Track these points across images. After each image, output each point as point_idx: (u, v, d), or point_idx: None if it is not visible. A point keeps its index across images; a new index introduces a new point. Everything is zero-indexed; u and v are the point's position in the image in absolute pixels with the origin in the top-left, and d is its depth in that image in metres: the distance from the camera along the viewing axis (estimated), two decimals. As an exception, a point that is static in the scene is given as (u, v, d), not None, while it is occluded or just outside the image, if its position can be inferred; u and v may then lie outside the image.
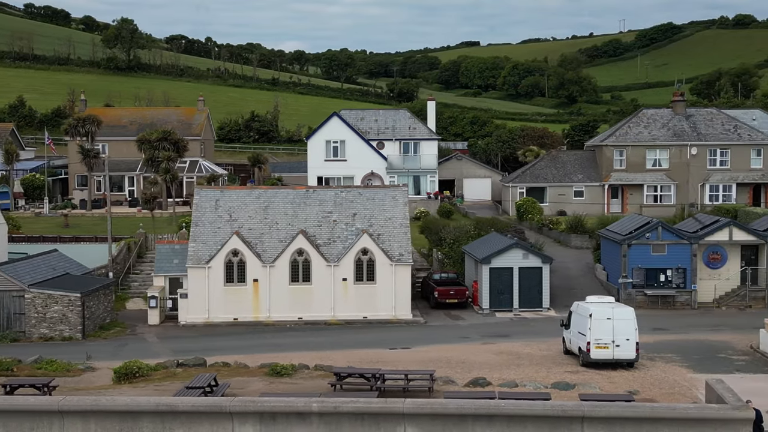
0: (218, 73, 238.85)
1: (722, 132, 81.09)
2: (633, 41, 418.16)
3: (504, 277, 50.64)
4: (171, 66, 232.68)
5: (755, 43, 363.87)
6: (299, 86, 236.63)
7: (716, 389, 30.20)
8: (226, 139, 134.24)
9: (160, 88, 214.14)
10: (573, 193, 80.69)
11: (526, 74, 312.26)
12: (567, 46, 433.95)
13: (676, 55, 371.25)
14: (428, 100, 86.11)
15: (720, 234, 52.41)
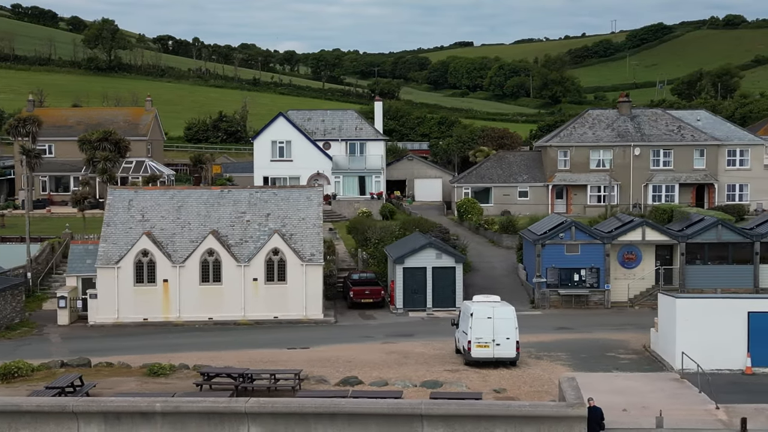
0: (199, 74, 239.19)
1: (666, 133, 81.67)
2: (624, 42, 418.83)
3: (418, 277, 51.19)
4: (152, 66, 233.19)
5: (744, 43, 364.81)
6: (280, 86, 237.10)
7: (563, 388, 30.91)
8: (194, 139, 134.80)
9: (140, 89, 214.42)
10: (518, 194, 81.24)
11: (512, 74, 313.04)
12: (559, 47, 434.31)
13: (666, 55, 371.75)
14: (375, 101, 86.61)
15: (633, 234, 52.98)
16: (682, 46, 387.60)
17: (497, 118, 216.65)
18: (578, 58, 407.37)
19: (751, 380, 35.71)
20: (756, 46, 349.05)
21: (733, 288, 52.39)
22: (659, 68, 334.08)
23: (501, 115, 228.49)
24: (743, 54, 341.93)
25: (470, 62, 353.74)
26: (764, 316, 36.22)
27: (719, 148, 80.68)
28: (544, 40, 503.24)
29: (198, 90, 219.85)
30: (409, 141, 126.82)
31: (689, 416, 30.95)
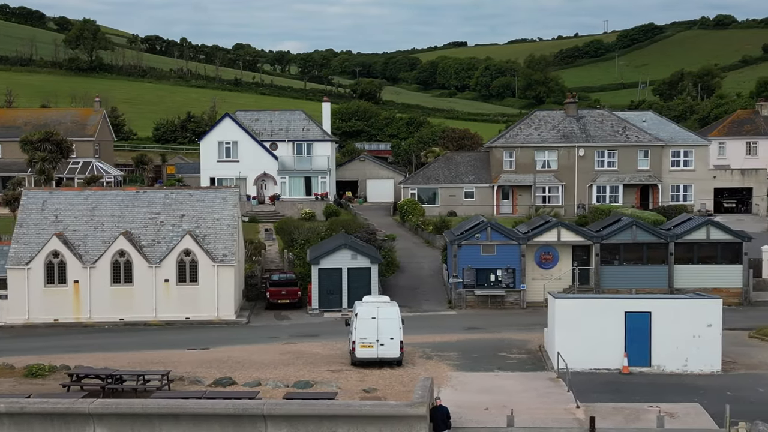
0: (180, 74, 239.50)
1: (611, 134, 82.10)
2: (614, 42, 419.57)
3: (334, 278, 51.61)
4: (133, 67, 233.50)
5: (733, 43, 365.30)
6: (262, 87, 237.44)
7: (417, 387, 31.33)
8: (162, 140, 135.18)
9: (121, 89, 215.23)
10: (464, 195, 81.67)
11: (498, 75, 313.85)
12: (550, 47, 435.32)
13: (656, 55, 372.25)
14: (323, 102, 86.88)
15: (549, 235, 53.41)
16: (672, 46, 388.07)
17: (479, 119, 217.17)
18: (569, 58, 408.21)
19: (626, 379, 36.15)
20: (744, 47, 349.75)
21: (648, 288, 52.90)
22: (649, 68, 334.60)
23: (483, 116, 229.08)
24: (732, 54, 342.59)
25: (459, 63, 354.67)
26: (641, 317, 36.68)
27: (663, 149, 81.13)
28: (537, 40, 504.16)
29: (179, 90, 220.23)
30: (376, 141, 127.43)
31: (546, 415, 31.40)
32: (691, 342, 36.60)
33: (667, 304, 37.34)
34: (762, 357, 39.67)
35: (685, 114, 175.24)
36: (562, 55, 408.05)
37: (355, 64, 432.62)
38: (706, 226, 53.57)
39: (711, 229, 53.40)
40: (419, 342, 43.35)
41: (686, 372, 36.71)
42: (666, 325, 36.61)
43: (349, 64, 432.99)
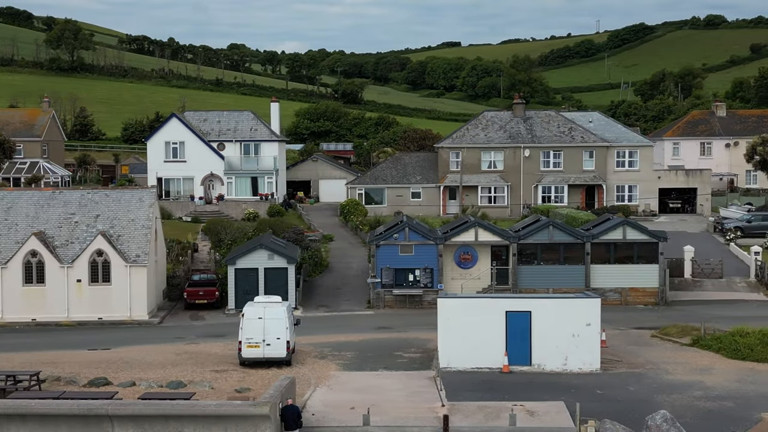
0: (162, 74, 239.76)
1: (557, 134, 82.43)
2: (605, 42, 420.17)
3: (250, 278, 51.91)
4: (114, 67, 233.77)
5: (723, 43, 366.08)
6: (243, 87, 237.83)
7: (271, 387, 31.63)
8: (130, 140, 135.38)
9: (101, 89, 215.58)
10: (410, 195, 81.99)
11: (484, 75, 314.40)
12: (543, 47, 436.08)
13: (646, 55, 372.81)
14: (272, 102, 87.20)
15: (467, 235, 53.74)
16: (662, 46, 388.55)
17: (459, 119, 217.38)
18: (560, 58, 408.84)
19: (505, 378, 36.48)
20: (733, 47, 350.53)
21: (565, 288, 53.25)
22: (638, 68, 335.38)
23: (465, 116, 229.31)
24: (721, 54, 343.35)
25: (447, 63, 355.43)
26: (522, 316, 37.01)
27: (608, 149, 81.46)
28: (531, 40, 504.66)
29: (159, 90, 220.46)
30: (343, 142, 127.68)
31: (408, 414, 31.71)
32: (571, 341, 36.94)
33: (546, 303, 37.65)
34: (650, 356, 39.99)
35: (662, 114, 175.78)
36: (553, 55, 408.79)
37: (346, 64, 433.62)
38: (623, 226, 53.90)
39: (627, 229, 53.72)
40: (322, 342, 43.73)
41: (566, 371, 37.05)
42: (546, 325, 36.95)
43: (341, 64, 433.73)
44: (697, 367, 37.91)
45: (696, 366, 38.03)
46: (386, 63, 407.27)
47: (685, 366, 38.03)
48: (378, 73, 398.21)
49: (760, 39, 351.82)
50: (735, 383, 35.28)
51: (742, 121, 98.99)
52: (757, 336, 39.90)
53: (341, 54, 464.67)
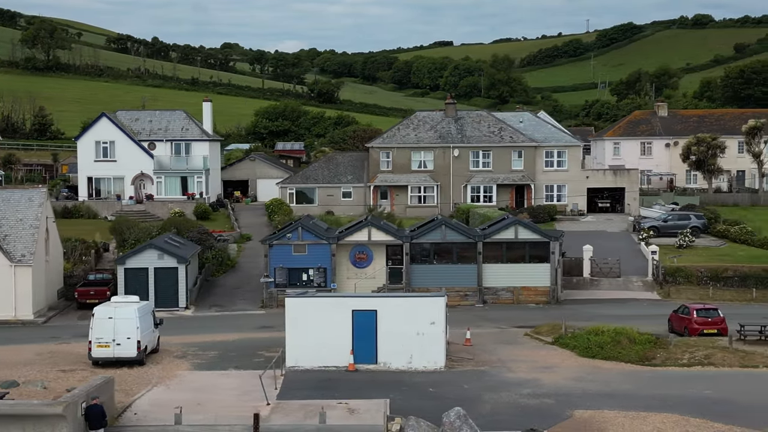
0: (137, 73, 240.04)
1: (486, 134, 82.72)
2: (594, 41, 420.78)
3: (140, 278, 52.21)
4: (90, 66, 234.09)
5: (709, 43, 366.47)
6: (219, 86, 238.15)
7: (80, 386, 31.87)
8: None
9: (75, 88, 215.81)
10: (341, 194, 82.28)
11: (466, 74, 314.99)
12: (531, 47, 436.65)
13: (633, 55, 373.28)
14: (204, 102, 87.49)
15: (360, 234, 54.09)
16: (650, 45, 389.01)
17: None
18: (548, 57, 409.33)
19: (348, 377, 36.74)
20: (718, 46, 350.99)
21: (458, 287, 53.70)
22: (625, 68, 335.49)
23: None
24: (706, 53, 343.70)
25: (432, 62, 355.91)
26: (368, 314, 37.30)
27: (537, 149, 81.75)
28: (522, 39, 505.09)
29: (134, 90, 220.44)
30: (298, 141, 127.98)
31: (228, 413, 32.00)
32: (416, 339, 37.23)
33: (392, 302, 37.97)
34: (505, 354, 40.25)
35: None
36: (541, 55, 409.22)
37: (336, 63, 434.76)
38: (514, 225, 54.25)
39: (519, 229, 54.09)
40: (194, 341, 44.00)
41: (411, 369, 37.35)
42: (391, 323, 37.24)
43: (331, 63, 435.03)
44: (543, 365, 38.22)
45: (543, 364, 38.34)
46: (374, 62, 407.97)
47: (531, 364, 38.34)
48: (366, 73, 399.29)
49: (744, 38, 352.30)
50: (570, 381, 35.60)
51: (683, 121, 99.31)
52: (610, 334, 40.25)
53: (332, 53, 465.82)
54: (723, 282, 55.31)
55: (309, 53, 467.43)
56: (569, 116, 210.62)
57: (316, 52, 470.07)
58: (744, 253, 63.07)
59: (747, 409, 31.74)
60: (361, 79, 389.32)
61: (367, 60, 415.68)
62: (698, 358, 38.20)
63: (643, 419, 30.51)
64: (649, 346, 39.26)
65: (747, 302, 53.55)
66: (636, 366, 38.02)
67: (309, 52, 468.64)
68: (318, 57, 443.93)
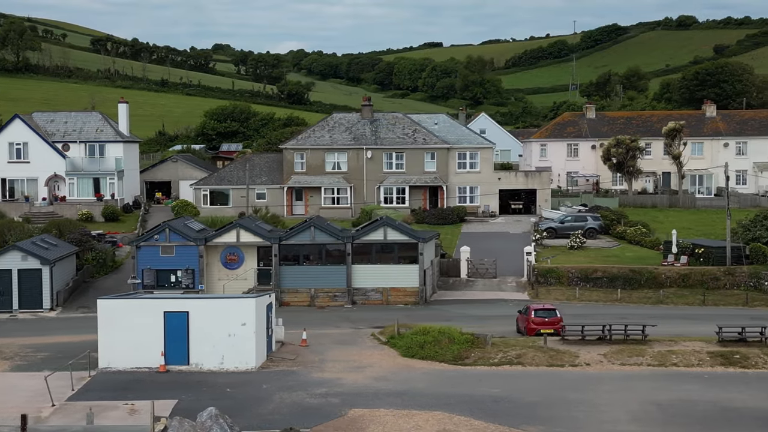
0: (107, 74, 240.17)
1: (400, 136, 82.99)
2: (578, 43, 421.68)
3: (4, 279, 52.45)
4: (59, 67, 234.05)
5: (692, 44, 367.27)
6: (189, 87, 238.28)
7: None
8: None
9: (42, 90, 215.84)
10: (256, 196, 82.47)
11: (444, 76, 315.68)
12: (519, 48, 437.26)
13: (616, 56, 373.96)
14: (120, 103, 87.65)
15: (229, 236, 54.36)
16: (633, 47, 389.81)
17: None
18: (533, 59, 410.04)
19: (158, 378, 36.92)
20: (699, 47, 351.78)
21: (327, 288, 54.00)
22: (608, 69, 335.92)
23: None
24: (686, 55, 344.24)
25: (413, 63, 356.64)
26: (179, 316, 37.52)
27: (449, 151, 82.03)
28: (511, 40, 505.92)
29: (102, 91, 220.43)
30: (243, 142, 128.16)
31: (9, 414, 32.19)
32: (227, 340, 37.46)
33: (203, 303, 38.26)
34: (333, 355, 40.32)
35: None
36: (526, 56, 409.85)
37: (322, 64, 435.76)
38: (383, 227, 54.51)
39: (388, 230, 54.35)
40: (32, 343, 44.04)
41: (222, 369, 37.58)
42: (203, 324, 37.49)
43: (317, 64, 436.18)
44: (359, 365, 38.47)
45: (359, 364, 38.59)
46: (359, 63, 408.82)
47: (348, 364, 38.58)
48: (351, 74, 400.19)
49: (726, 39, 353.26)
50: (371, 380, 35.86)
51: (610, 123, 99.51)
52: (434, 334, 40.50)
53: (319, 54, 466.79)
54: (592, 283, 55.57)
55: (297, 54, 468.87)
56: (539, 117, 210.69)
57: (303, 53, 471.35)
58: (632, 254, 63.41)
59: (524, 407, 32.07)
60: (346, 80, 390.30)
61: (351, 61, 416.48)
62: (509, 358, 38.49)
63: (409, 417, 30.81)
64: (467, 345, 39.54)
65: (612, 302, 53.87)
66: (447, 365, 38.31)
67: (297, 53, 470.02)
68: (306, 58, 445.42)
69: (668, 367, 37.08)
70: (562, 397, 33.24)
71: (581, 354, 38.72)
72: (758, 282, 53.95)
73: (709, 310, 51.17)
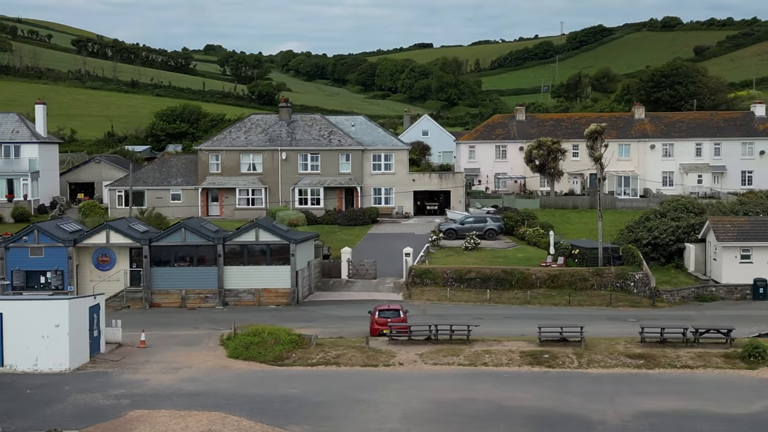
0: (78, 75, 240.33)
1: (316, 138, 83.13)
2: (564, 44, 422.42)
3: None
4: (30, 68, 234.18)
5: (675, 45, 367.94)
6: (158, 88, 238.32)
7: None
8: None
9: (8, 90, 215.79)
10: (171, 197, 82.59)
11: (422, 77, 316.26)
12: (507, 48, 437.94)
13: (601, 57, 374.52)
14: (36, 104, 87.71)
15: (99, 237, 54.41)
16: (618, 48, 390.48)
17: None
18: (518, 60, 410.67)
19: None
20: (681, 49, 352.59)
21: (198, 289, 54.11)
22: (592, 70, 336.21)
23: (380, 118, 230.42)
24: (668, 56, 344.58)
25: (394, 65, 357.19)
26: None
27: (364, 152, 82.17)
28: (500, 41, 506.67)
29: (71, 92, 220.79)
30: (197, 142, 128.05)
31: None
32: (41, 342, 37.53)
33: (17, 305, 38.29)
34: (161, 357, 40.21)
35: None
36: (512, 57, 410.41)
37: (309, 65, 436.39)
38: (255, 228, 54.58)
39: (260, 232, 54.41)
40: None
41: (36, 371, 37.65)
42: (17, 326, 37.54)
43: (303, 65, 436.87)
44: (177, 366, 38.52)
45: (178, 365, 38.63)
46: (344, 65, 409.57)
47: (168, 365, 38.65)
48: (336, 75, 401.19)
49: (709, 41, 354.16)
50: (177, 381, 35.92)
51: (539, 125, 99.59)
52: (263, 335, 40.60)
53: (307, 55, 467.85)
54: (466, 283, 55.68)
55: (286, 55, 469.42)
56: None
57: (292, 53, 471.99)
58: (523, 255, 63.54)
59: (308, 407, 32.13)
60: (332, 81, 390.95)
61: (337, 62, 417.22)
62: (328, 358, 38.58)
63: (184, 418, 30.90)
64: (291, 346, 39.65)
65: (481, 303, 53.96)
66: (266, 366, 38.37)
67: (286, 54, 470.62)
68: (293, 59, 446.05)
69: (477, 366, 37.17)
70: (351, 396, 33.31)
71: (399, 354, 38.84)
72: (625, 283, 54.03)
73: (571, 311, 51.27)
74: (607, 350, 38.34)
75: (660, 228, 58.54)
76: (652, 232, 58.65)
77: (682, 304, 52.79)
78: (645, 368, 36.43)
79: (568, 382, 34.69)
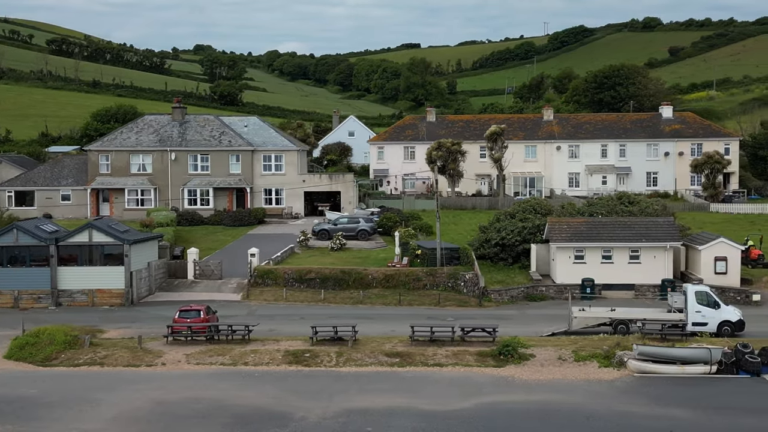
0: (40, 75, 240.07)
1: (207, 138, 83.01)
2: (545, 44, 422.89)
3: None
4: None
5: (655, 45, 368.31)
6: (120, 88, 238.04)
7: None
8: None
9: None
10: (60, 197, 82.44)
11: (394, 78, 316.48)
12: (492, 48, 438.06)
13: (581, 58, 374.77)
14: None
15: None
16: (598, 48, 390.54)
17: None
18: (500, 60, 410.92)
19: None
20: (658, 50, 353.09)
21: (31, 290, 53.94)
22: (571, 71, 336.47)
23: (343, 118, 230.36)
24: (644, 56, 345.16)
25: (370, 65, 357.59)
26: None
27: (254, 153, 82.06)
28: (487, 42, 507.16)
29: (32, 92, 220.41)
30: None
31: None
32: None
33: None
34: None
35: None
36: (493, 57, 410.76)
37: (292, 65, 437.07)
38: (89, 229, 54.43)
39: (94, 233, 54.25)
40: None
41: None
42: None
43: (287, 66, 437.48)
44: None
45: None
46: (324, 65, 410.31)
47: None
48: (318, 75, 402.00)
49: (684, 41, 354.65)
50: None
51: (448, 127, 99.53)
52: (42, 336, 40.47)
53: (291, 55, 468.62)
54: (306, 283, 55.55)
55: (271, 55, 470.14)
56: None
57: (277, 53, 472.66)
58: (385, 255, 63.39)
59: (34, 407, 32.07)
60: (313, 81, 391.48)
61: (318, 63, 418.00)
62: (96, 358, 38.50)
63: None
64: (63, 346, 39.54)
65: (316, 303, 53.81)
66: (31, 366, 38.32)
67: (271, 54, 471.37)
68: (278, 59, 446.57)
69: (237, 366, 37.10)
70: (85, 397, 33.27)
71: (168, 354, 38.75)
72: (456, 282, 53.91)
73: (399, 310, 51.14)
74: (372, 349, 38.25)
75: (507, 228, 58.47)
76: (501, 233, 58.57)
77: (510, 303, 52.67)
78: (398, 366, 36.37)
79: (308, 381, 34.63)
